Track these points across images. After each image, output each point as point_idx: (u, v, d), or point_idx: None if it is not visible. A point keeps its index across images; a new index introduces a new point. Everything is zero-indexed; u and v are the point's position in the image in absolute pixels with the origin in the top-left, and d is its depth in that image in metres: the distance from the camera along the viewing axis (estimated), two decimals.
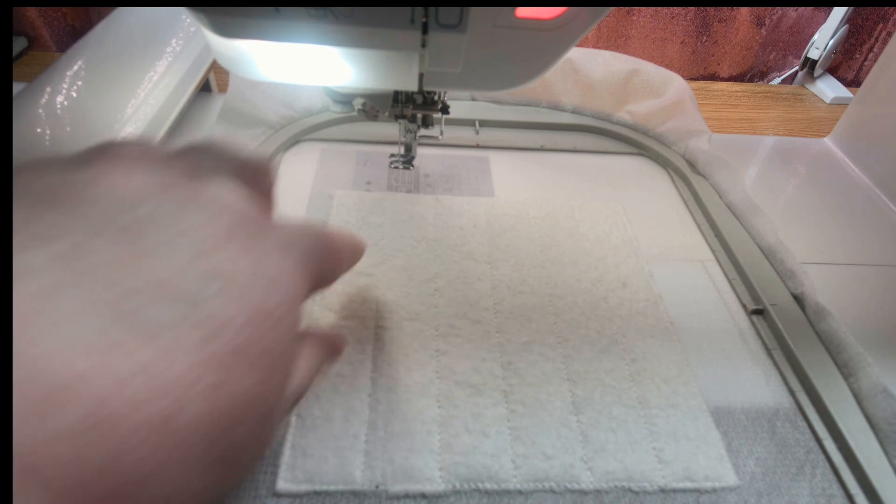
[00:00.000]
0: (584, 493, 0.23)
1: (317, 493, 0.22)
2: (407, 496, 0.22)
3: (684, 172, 0.43)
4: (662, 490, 0.23)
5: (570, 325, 0.29)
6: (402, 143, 0.37)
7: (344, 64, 0.21)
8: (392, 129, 0.43)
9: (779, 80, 0.71)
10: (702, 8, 0.65)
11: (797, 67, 0.66)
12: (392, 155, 0.38)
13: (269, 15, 0.17)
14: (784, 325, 0.30)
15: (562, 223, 0.36)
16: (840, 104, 0.60)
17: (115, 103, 0.32)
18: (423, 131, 0.35)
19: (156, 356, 0.12)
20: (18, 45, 0.56)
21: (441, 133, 0.36)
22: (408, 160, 0.38)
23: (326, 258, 0.20)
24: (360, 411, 0.25)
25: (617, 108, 0.48)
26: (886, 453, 0.25)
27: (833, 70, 0.66)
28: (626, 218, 0.37)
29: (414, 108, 0.31)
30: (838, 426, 0.26)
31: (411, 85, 0.22)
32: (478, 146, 0.44)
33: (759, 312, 0.32)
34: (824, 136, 0.51)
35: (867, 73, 0.49)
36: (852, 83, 0.69)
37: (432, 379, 0.26)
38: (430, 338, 0.28)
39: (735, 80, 0.71)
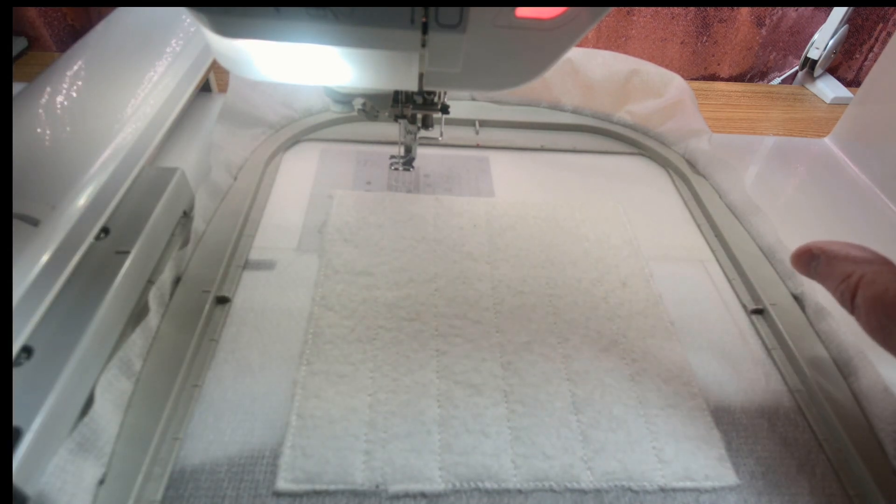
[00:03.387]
0: (583, 492, 0.23)
1: (317, 493, 0.22)
2: (407, 496, 0.22)
3: (684, 172, 0.43)
4: (662, 490, 0.23)
5: (570, 325, 0.29)
6: (401, 145, 0.37)
7: (344, 64, 0.21)
8: (392, 129, 0.43)
9: (779, 80, 0.71)
10: (702, 8, 0.65)
11: (797, 67, 0.66)
12: (392, 156, 0.38)
13: (269, 15, 0.17)
14: (784, 325, 0.30)
15: (562, 223, 0.36)
16: (840, 104, 0.60)
17: (115, 103, 0.32)
18: (423, 133, 0.35)
19: None
20: (18, 45, 0.56)
21: (441, 134, 0.36)
22: (408, 161, 0.38)
23: None
24: (360, 411, 0.25)
25: (617, 109, 0.48)
26: (886, 453, 0.25)
27: (833, 70, 0.66)
28: (626, 218, 0.37)
29: (414, 108, 0.31)
30: (838, 426, 0.26)
31: (411, 85, 0.22)
32: (478, 146, 0.44)
33: (759, 312, 0.32)
34: (824, 136, 0.51)
35: (867, 73, 0.49)
36: (852, 83, 0.69)
37: (432, 379, 0.26)
38: (429, 338, 0.28)
39: (735, 80, 0.71)
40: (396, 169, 0.38)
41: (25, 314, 0.22)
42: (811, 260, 0.25)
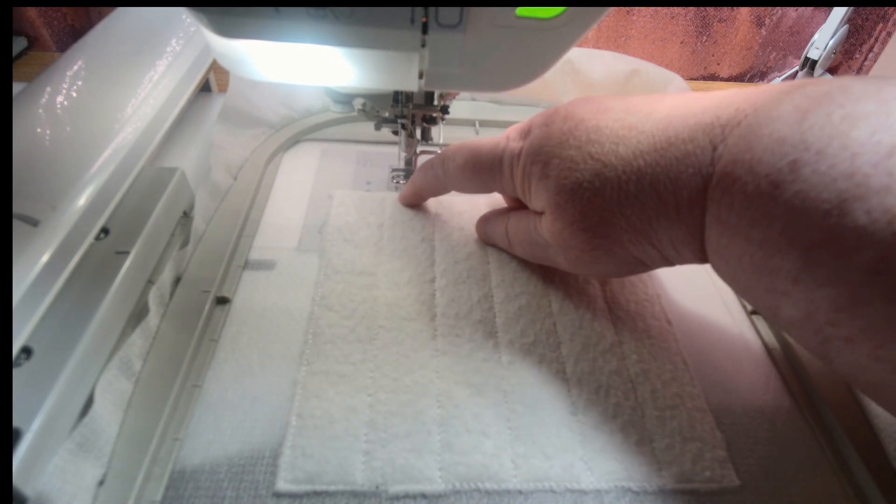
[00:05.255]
0: (584, 492, 0.23)
1: (317, 494, 0.22)
2: (407, 496, 0.22)
3: None
4: (662, 490, 0.23)
5: (570, 325, 0.29)
6: (402, 158, 0.37)
7: (344, 64, 0.21)
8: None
9: (779, 80, 0.71)
10: (702, 8, 0.65)
11: (797, 67, 0.66)
12: (394, 169, 0.38)
13: (269, 15, 0.17)
14: None
15: None
16: None
17: (115, 103, 0.32)
18: (422, 147, 0.35)
19: None
20: (18, 45, 0.56)
21: (440, 149, 0.37)
22: (409, 174, 0.38)
23: None
24: (361, 411, 0.25)
25: None
26: (886, 453, 0.25)
27: (833, 70, 0.66)
28: None
29: (414, 108, 0.31)
30: (838, 426, 0.26)
31: (411, 85, 0.22)
32: None
33: (759, 312, 0.32)
34: None
35: (867, 73, 0.49)
36: None
37: (432, 379, 0.26)
38: (430, 338, 0.28)
39: (735, 80, 0.71)
40: (398, 182, 0.38)
41: (25, 314, 0.22)
42: (484, 224, 0.33)
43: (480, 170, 0.29)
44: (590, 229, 0.24)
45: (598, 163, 0.23)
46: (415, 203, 0.35)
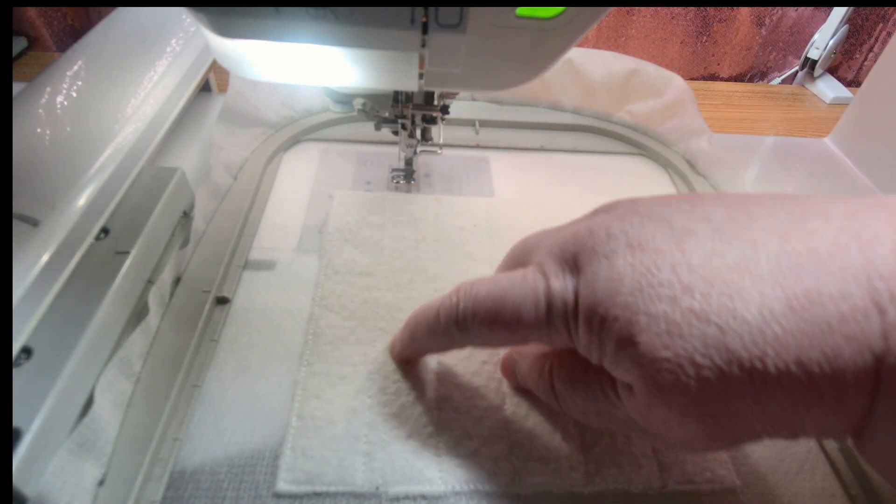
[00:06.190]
0: (583, 495, 0.23)
1: (317, 494, 0.22)
2: (407, 497, 0.22)
3: (684, 172, 0.42)
4: (662, 491, 0.23)
5: None
6: (402, 158, 0.37)
7: (344, 64, 0.21)
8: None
9: (779, 80, 0.71)
10: (702, 8, 0.65)
11: (797, 67, 0.66)
12: (394, 169, 0.38)
13: (269, 15, 0.17)
14: None
15: (561, 223, 0.36)
16: (840, 104, 0.60)
17: (115, 103, 0.32)
18: (422, 147, 0.35)
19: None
20: (18, 45, 0.56)
21: (440, 149, 0.37)
22: (408, 174, 0.38)
23: None
24: (361, 412, 0.25)
25: (617, 109, 0.48)
26: None
27: (833, 70, 0.66)
28: None
29: (414, 108, 0.31)
30: None
31: (411, 85, 0.22)
32: (478, 146, 0.44)
33: None
34: (824, 136, 0.51)
35: (867, 73, 0.49)
36: (852, 83, 0.69)
37: (432, 381, 0.26)
38: None
39: (735, 80, 0.71)
40: (398, 182, 0.38)
41: (25, 314, 0.22)
42: (514, 367, 0.26)
43: (517, 327, 0.20)
44: (708, 419, 0.17)
45: (711, 326, 0.16)
46: (412, 360, 0.27)
